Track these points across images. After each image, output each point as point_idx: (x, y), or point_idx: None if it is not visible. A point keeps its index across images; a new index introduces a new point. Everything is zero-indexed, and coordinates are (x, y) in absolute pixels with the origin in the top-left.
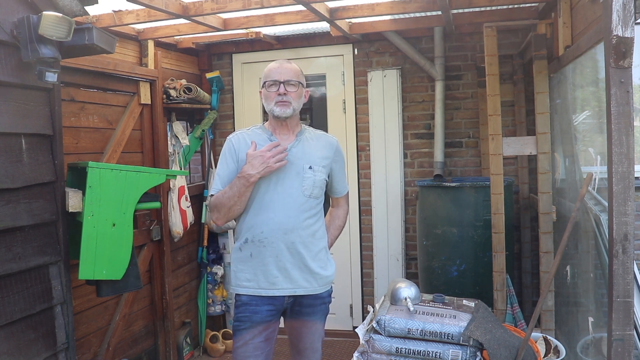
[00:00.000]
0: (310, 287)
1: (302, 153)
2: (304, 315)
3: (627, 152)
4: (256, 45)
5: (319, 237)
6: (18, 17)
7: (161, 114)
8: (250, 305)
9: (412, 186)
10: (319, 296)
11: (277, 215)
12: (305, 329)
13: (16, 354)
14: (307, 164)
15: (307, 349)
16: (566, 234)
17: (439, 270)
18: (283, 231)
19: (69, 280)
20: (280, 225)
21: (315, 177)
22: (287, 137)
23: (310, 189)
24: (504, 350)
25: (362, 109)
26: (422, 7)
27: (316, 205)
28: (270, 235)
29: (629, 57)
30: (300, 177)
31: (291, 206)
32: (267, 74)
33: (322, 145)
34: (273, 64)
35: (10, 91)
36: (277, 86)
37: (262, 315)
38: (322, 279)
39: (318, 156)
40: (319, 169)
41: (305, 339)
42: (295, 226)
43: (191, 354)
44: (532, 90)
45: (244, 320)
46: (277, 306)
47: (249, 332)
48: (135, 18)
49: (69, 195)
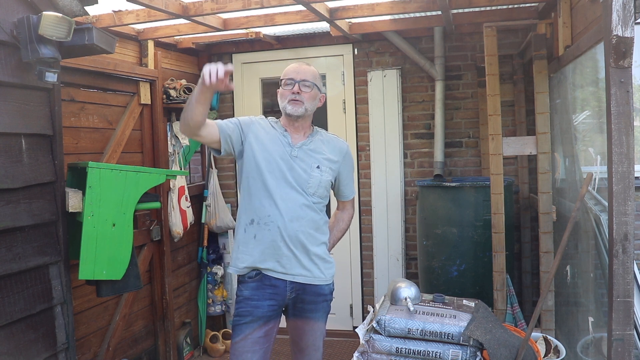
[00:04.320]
0: (311, 275)
1: (312, 152)
2: (307, 312)
3: (627, 152)
4: (256, 45)
5: (321, 233)
6: (18, 17)
7: (161, 114)
8: (252, 300)
9: (412, 186)
10: (321, 292)
11: (283, 203)
12: (308, 327)
13: (16, 354)
14: (315, 163)
15: (309, 347)
16: (566, 234)
17: (439, 270)
18: (289, 218)
19: (69, 280)
20: (286, 212)
21: (322, 176)
22: (298, 136)
23: (315, 187)
24: (504, 350)
25: (362, 109)
26: (422, 7)
27: (319, 204)
28: (277, 219)
29: (629, 57)
30: (307, 174)
31: (296, 200)
32: (285, 73)
33: (332, 148)
34: (293, 64)
35: (10, 91)
36: (292, 85)
37: (263, 309)
38: (325, 269)
39: (327, 158)
40: (326, 169)
41: (307, 336)
42: (300, 216)
43: (191, 354)
44: (532, 90)
45: (244, 314)
46: (278, 301)
47: (249, 326)
48: (135, 18)
49: (69, 195)
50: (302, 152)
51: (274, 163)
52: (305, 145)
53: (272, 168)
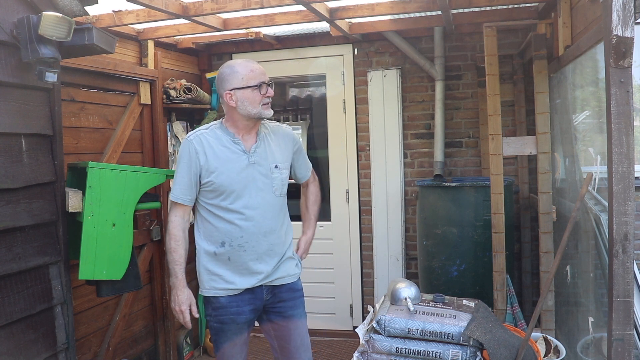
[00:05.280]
0: (287, 275)
1: (266, 153)
2: (289, 310)
3: (627, 152)
4: (256, 45)
5: (289, 233)
6: (18, 17)
7: (161, 114)
8: (232, 307)
9: (412, 186)
10: (296, 287)
11: (255, 219)
12: (293, 325)
13: (16, 354)
14: (272, 163)
15: (299, 348)
16: (566, 234)
17: (439, 270)
18: (263, 234)
19: (69, 280)
20: (260, 229)
21: (282, 175)
22: (249, 139)
23: (280, 188)
24: (504, 350)
25: (362, 109)
26: (422, 7)
27: (284, 203)
28: (251, 239)
29: (629, 57)
30: (270, 178)
31: (267, 209)
32: (251, 76)
33: (281, 139)
34: (251, 64)
35: (10, 91)
36: (265, 89)
37: (245, 315)
38: (297, 265)
39: (280, 153)
40: (283, 166)
41: (294, 337)
42: (274, 228)
43: (191, 354)
44: (532, 90)
45: (227, 322)
46: (257, 305)
47: (235, 333)
48: (135, 18)
49: (69, 195)
50: (257, 156)
51: (238, 181)
52: (259, 148)
53: (235, 184)
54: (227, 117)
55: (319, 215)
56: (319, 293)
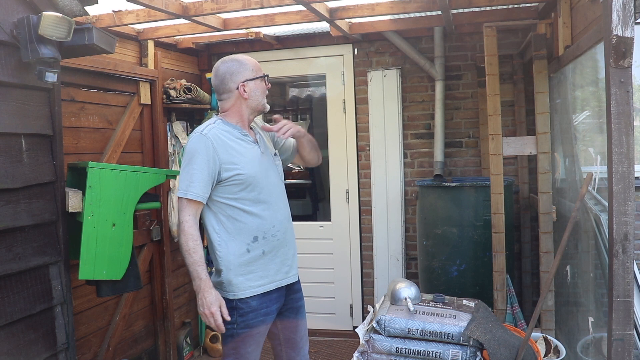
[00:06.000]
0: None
1: (265, 144)
2: (298, 302)
3: (627, 152)
4: (256, 45)
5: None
6: (18, 17)
7: (161, 114)
8: (262, 309)
9: (412, 186)
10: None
11: (278, 206)
12: (300, 315)
13: (16, 354)
14: (272, 151)
15: (303, 339)
16: (566, 234)
17: (439, 270)
18: (287, 219)
19: (69, 280)
20: (284, 214)
21: (280, 162)
22: (250, 131)
23: (283, 173)
24: (504, 350)
25: (362, 109)
26: (422, 7)
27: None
28: (282, 226)
29: (629, 57)
30: (275, 165)
31: (281, 195)
32: (257, 67)
33: (262, 131)
34: (250, 59)
35: (10, 91)
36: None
37: (273, 315)
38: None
39: (269, 143)
40: (277, 153)
41: (301, 328)
42: (289, 214)
43: (191, 354)
44: (532, 90)
45: (256, 325)
46: (280, 303)
47: (262, 336)
48: (135, 18)
49: (69, 196)
50: (263, 146)
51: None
52: (260, 139)
53: (255, 177)
54: (232, 111)
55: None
56: (319, 293)
